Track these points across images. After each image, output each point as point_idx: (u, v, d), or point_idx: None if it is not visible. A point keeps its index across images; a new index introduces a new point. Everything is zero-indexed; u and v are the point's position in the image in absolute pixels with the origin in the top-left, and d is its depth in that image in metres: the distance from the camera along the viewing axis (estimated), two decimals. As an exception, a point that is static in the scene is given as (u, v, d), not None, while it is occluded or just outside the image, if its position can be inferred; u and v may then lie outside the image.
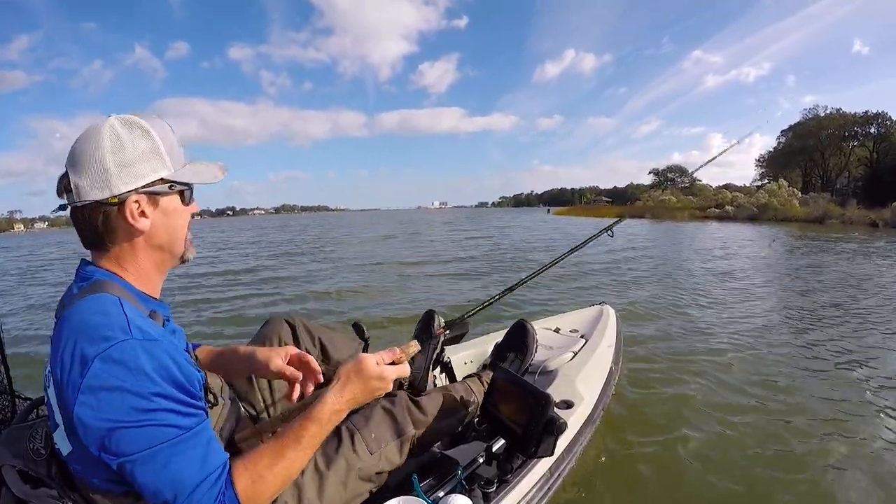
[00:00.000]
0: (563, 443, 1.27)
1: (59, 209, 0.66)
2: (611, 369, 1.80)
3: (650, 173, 55.30)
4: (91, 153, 0.63)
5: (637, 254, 9.13)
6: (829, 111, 34.72)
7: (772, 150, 39.88)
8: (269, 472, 0.66)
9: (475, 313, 1.49)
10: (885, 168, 29.58)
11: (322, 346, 1.26)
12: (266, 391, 1.14)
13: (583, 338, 1.99)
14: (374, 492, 1.00)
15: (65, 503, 0.64)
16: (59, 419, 0.61)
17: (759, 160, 41.49)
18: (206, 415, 0.66)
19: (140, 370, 0.58)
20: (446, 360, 1.61)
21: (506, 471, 1.12)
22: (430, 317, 1.60)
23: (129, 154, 0.64)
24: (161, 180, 0.67)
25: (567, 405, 1.45)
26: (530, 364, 1.63)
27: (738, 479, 1.69)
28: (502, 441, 1.17)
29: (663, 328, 3.65)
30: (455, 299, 5.04)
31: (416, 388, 1.33)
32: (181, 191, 0.71)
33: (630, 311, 4.09)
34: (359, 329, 1.42)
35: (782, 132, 38.51)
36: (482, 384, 1.33)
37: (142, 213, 0.66)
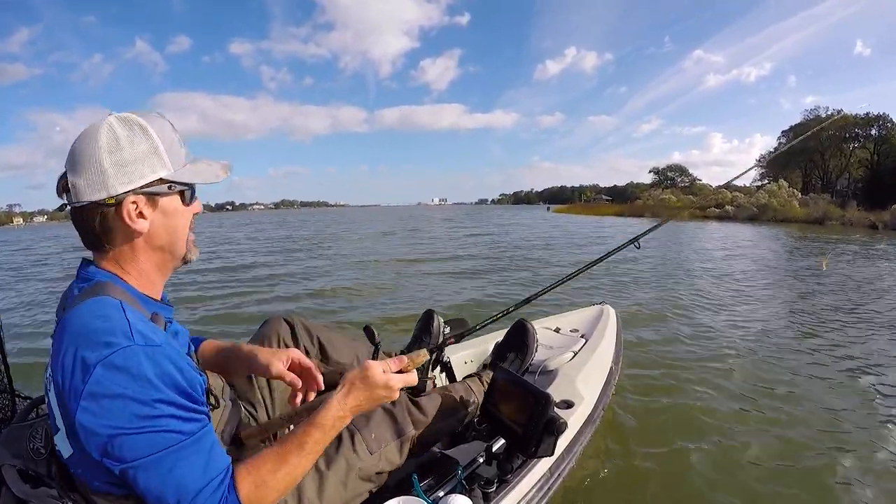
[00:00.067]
0: (563, 443, 1.27)
1: (59, 210, 0.66)
2: (611, 369, 1.81)
3: (650, 172, 55.26)
4: (89, 153, 0.62)
5: (637, 253, 9.11)
6: (829, 112, 34.69)
7: (772, 150, 39.90)
8: (272, 477, 0.66)
9: (485, 325, 1.46)
10: (885, 170, 29.53)
11: (321, 346, 1.26)
12: (265, 389, 1.14)
13: (583, 337, 1.99)
14: (374, 492, 1.00)
15: (65, 503, 0.64)
16: (60, 423, 0.61)
17: (759, 160, 41.49)
18: (208, 419, 0.66)
19: (142, 377, 0.57)
20: (446, 359, 1.61)
21: (506, 471, 1.12)
22: (429, 316, 1.59)
23: (126, 154, 0.63)
24: (160, 180, 0.66)
25: (567, 405, 1.45)
26: (530, 364, 1.63)
27: (739, 480, 1.69)
28: (502, 441, 1.17)
29: (664, 329, 3.64)
30: (455, 299, 5.03)
31: (416, 388, 1.32)
32: (181, 191, 0.69)
33: (630, 311, 4.08)
34: (369, 333, 1.39)
35: (783, 132, 38.59)
36: (482, 384, 1.33)
37: (140, 214, 0.65)
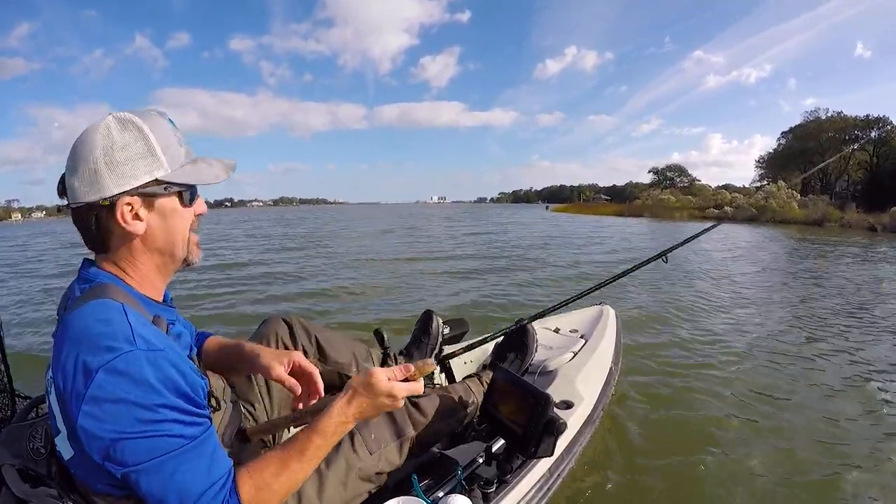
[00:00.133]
0: (562, 443, 1.27)
1: (57, 209, 0.66)
2: (610, 369, 1.81)
3: (649, 172, 55.14)
4: (85, 154, 0.62)
5: (637, 254, 9.13)
6: (829, 114, 34.72)
7: (771, 151, 39.97)
8: (274, 481, 0.66)
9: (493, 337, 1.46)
10: (884, 172, 29.54)
11: (319, 346, 1.26)
12: (263, 388, 1.16)
13: (583, 338, 1.99)
14: (374, 492, 1.00)
15: (65, 503, 0.64)
16: (61, 426, 0.61)
17: (758, 161, 41.58)
18: (210, 422, 0.66)
19: (145, 382, 0.57)
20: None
21: (505, 471, 1.12)
22: (428, 317, 1.59)
23: (120, 155, 0.62)
24: (155, 181, 0.65)
25: (567, 405, 1.45)
26: (530, 364, 1.64)
27: (740, 480, 1.69)
28: (502, 441, 1.18)
29: (664, 330, 3.64)
30: (454, 299, 5.02)
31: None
32: (179, 192, 0.68)
33: (630, 312, 4.07)
34: (379, 336, 1.36)
35: (782, 133, 38.56)
36: (482, 384, 1.33)
37: (135, 216, 0.65)
